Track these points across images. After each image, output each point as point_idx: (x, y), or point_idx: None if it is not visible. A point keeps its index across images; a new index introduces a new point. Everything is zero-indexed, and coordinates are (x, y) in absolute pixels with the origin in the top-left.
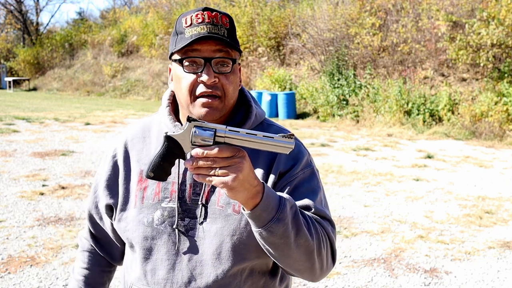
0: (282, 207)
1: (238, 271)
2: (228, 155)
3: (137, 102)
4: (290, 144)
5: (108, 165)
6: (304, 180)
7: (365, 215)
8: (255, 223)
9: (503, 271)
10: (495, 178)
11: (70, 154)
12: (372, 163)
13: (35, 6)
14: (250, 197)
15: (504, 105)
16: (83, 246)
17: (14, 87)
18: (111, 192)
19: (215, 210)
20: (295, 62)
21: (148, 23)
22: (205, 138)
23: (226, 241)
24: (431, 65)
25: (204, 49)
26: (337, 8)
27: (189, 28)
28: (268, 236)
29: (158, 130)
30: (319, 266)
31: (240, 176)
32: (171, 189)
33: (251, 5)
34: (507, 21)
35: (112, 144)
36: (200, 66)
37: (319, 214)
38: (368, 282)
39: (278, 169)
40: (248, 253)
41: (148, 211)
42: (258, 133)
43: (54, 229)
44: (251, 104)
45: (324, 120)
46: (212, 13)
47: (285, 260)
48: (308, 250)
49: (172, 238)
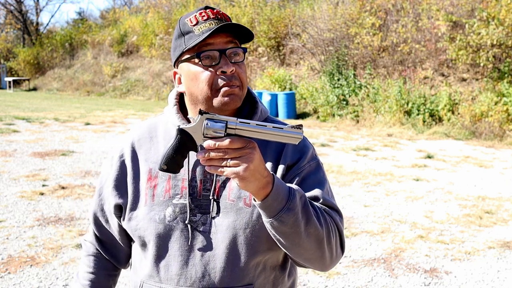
0: (292, 197)
1: (252, 266)
2: (239, 146)
3: (137, 102)
4: (299, 135)
5: (115, 165)
6: (310, 172)
7: (365, 215)
8: (266, 213)
9: (503, 271)
10: (495, 178)
11: (70, 154)
12: (372, 163)
13: (35, 6)
14: (261, 187)
15: (504, 105)
16: (88, 250)
17: (14, 87)
18: (120, 192)
19: (227, 204)
20: (295, 62)
21: (148, 23)
22: (217, 130)
23: (239, 235)
24: (431, 65)
25: (217, 42)
26: (337, 8)
27: (197, 26)
28: (279, 225)
29: (164, 130)
30: (329, 255)
31: (251, 166)
32: (181, 185)
33: (251, 5)
34: (507, 21)
35: (118, 145)
36: (215, 59)
37: (327, 204)
38: (368, 282)
39: (285, 161)
40: (261, 245)
41: (160, 208)
42: (268, 124)
43: (54, 229)
44: (257, 99)
45: (324, 120)
46: (214, 10)
47: (296, 250)
48: (318, 239)
49: (185, 234)
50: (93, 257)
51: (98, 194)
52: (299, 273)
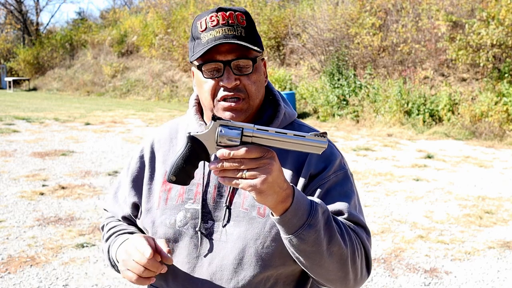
0: (314, 212)
1: (262, 280)
2: (256, 155)
3: (137, 102)
4: (323, 144)
5: (135, 165)
6: (336, 184)
7: (365, 215)
8: (285, 229)
9: (503, 271)
10: (495, 178)
11: (70, 154)
12: (372, 163)
13: (35, 6)
14: (280, 201)
15: (504, 105)
16: (111, 218)
17: (14, 87)
18: (137, 191)
19: (239, 213)
20: (295, 62)
21: (148, 23)
22: (231, 138)
23: (249, 245)
24: (431, 65)
25: (221, 53)
26: (337, 8)
27: (204, 33)
28: (299, 243)
29: (185, 132)
30: (353, 277)
31: (269, 178)
32: (195, 190)
33: (251, 5)
34: (507, 21)
35: (140, 145)
36: (220, 70)
37: (352, 220)
38: (368, 282)
39: (308, 171)
40: (273, 259)
41: (171, 212)
42: (289, 132)
43: (54, 229)
44: (280, 103)
45: (324, 120)
46: (227, 13)
47: (317, 270)
48: (341, 259)
49: (194, 240)
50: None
51: (114, 192)
52: None
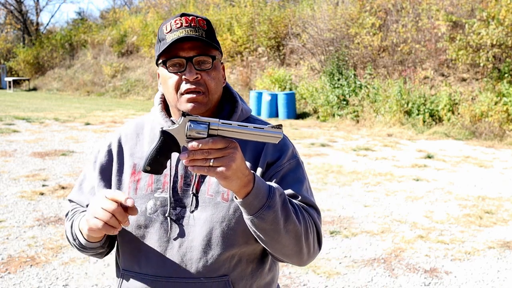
0: (272, 195)
1: (227, 258)
2: (221, 146)
3: (137, 102)
4: (279, 134)
5: (103, 157)
6: (290, 171)
7: (365, 215)
8: (247, 210)
9: (503, 271)
10: (495, 178)
11: (70, 154)
12: (372, 163)
13: (35, 6)
14: (242, 185)
15: (504, 105)
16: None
17: (14, 87)
18: (106, 182)
19: (205, 199)
20: (295, 62)
21: (148, 23)
22: (199, 131)
23: (216, 228)
24: (431, 65)
25: (184, 50)
26: (337, 8)
27: (169, 34)
28: (259, 222)
29: (150, 128)
30: (306, 251)
31: (233, 165)
32: (163, 180)
33: (251, 5)
34: (507, 21)
35: (106, 140)
36: (183, 66)
37: (305, 202)
38: (368, 282)
39: (265, 160)
40: (236, 238)
41: (141, 201)
42: (249, 125)
43: (54, 229)
44: (237, 99)
45: (324, 120)
46: (189, 17)
47: (274, 245)
48: (296, 235)
49: (164, 226)
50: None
51: (79, 182)
52: (299, 273)
